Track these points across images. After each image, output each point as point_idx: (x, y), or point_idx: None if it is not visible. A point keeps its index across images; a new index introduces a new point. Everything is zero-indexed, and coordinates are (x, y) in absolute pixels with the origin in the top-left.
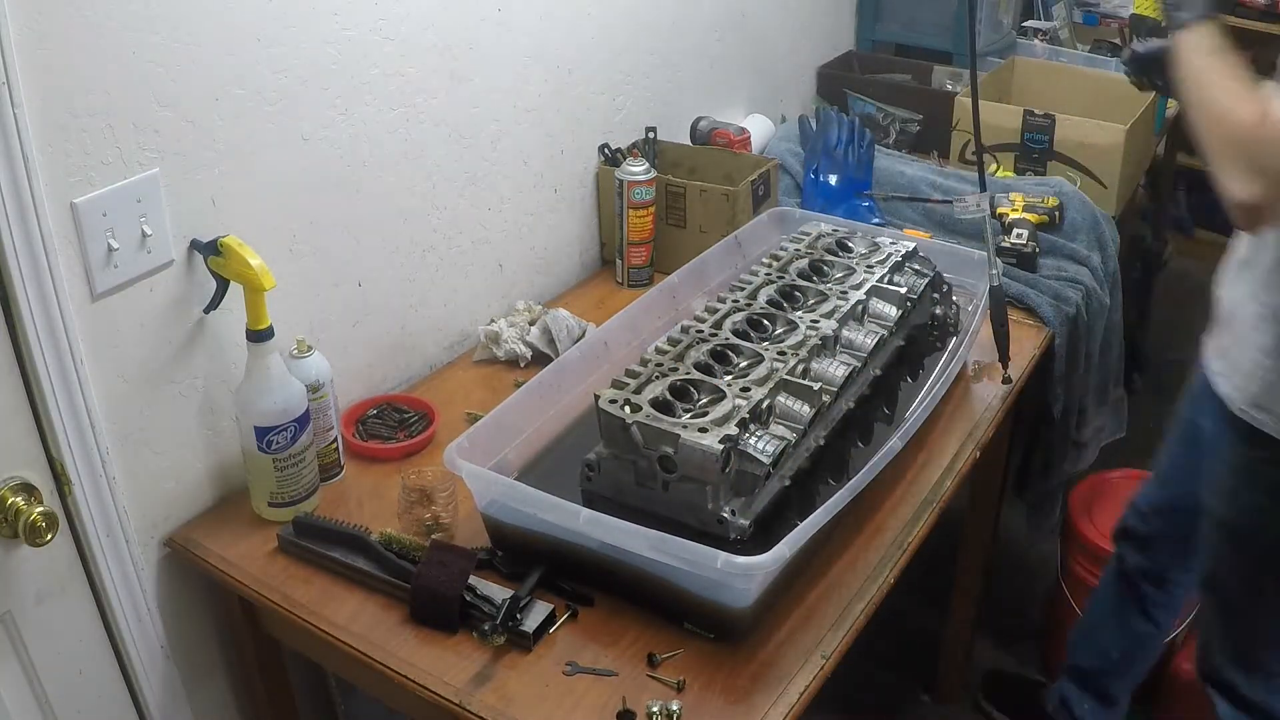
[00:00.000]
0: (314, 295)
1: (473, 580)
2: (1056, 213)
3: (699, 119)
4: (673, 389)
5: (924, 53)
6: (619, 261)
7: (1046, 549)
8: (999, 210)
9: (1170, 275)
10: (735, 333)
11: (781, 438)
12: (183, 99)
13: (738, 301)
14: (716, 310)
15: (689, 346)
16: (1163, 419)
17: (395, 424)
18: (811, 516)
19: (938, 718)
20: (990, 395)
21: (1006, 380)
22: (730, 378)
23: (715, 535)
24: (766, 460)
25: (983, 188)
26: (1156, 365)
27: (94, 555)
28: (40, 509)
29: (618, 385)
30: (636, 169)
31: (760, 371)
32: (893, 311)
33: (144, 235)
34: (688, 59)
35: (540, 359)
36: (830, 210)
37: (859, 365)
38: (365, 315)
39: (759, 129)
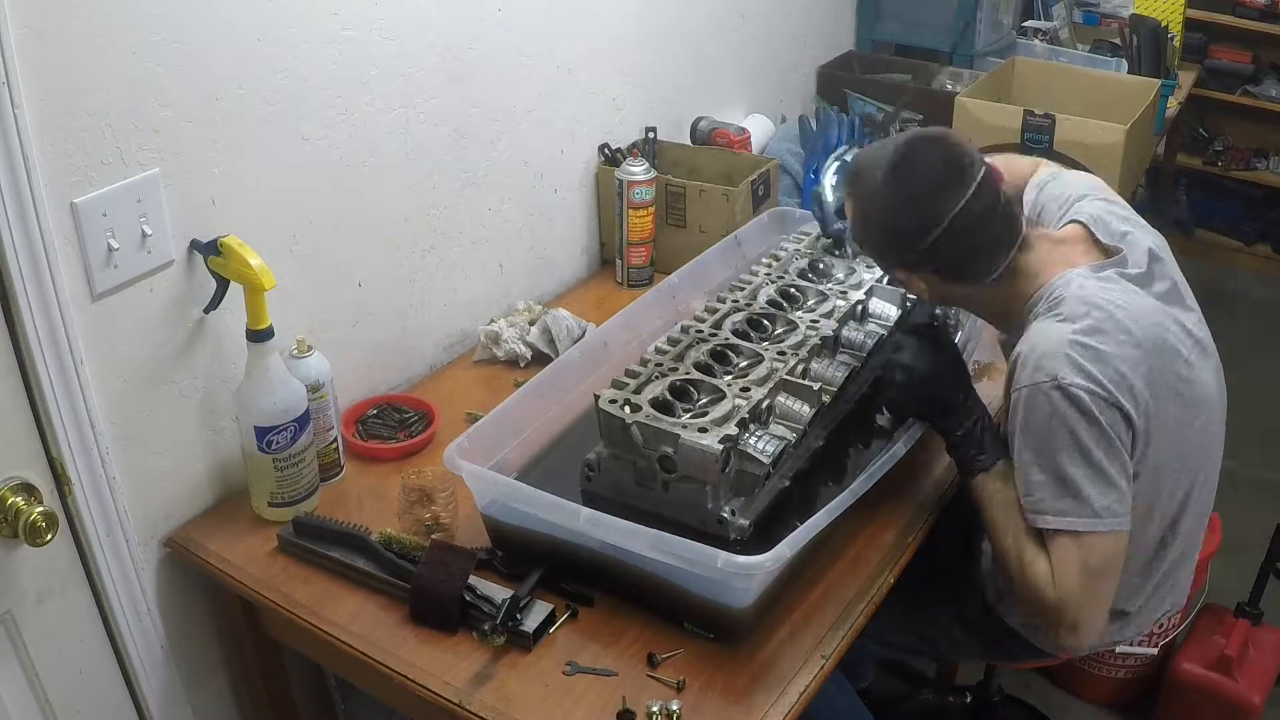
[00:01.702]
0: (314, 295)
1: (473, 580)
2: None
3: (699, 119)
4: (673, 389)
5: (924, 53)
6: (619, 261)
7: None
8: None
9: None
10: (735, 333)
11: (781, 438)
12: (183, 99)
13: (738, 301)
14: (716, 310)
15: (689, 346)
16: None
17: (395, 424)
18: (813, 519)
19: (937, 717)
20: (992, 394)
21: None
22: (730, 378)
23: (715, 535)
24: (766, 460)
25: None
26: None
27: (94, 555)
28: (40, 509)
29: (618, 385)
30: (636, 169)
31: (760, 371)
32: (893, 311)
33: (144, 235)
34: (688, 59)
35: (540, 359)
36: None
37: (859, 365)
38: (365, 315)
39: (759, 129)
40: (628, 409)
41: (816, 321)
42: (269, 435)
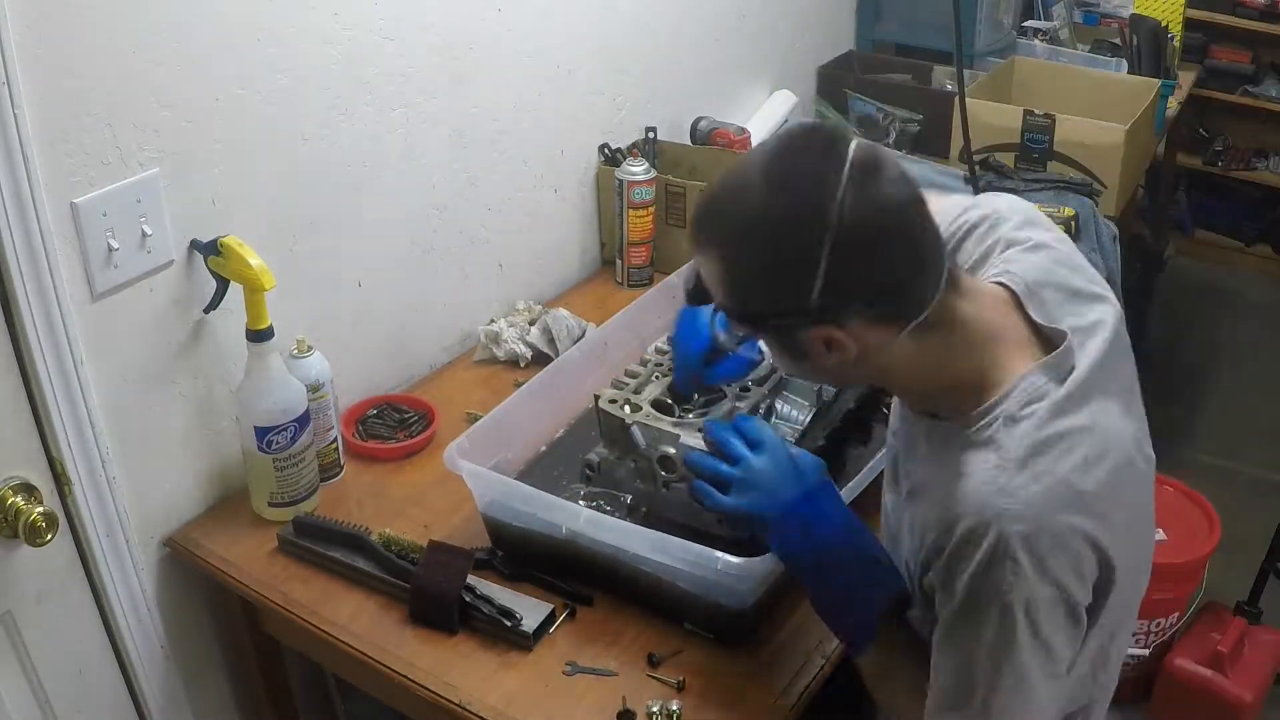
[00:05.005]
0: (314, 295)
1: (472, 580)
2: (1073, 222)
3: (699, 119)
4: (673, 389)
5: (924, 53)
6: (619, 261)
7: None
8: None
9: (1170, 275)
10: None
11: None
12: (183, 99)
13: None
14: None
15: None
16: (1163, 419)
17: (395, 424)
18: None
19: None
20: None
21: None
22: None
23: (715, 535)
24: None
25: (975, 190)
26: (1157, 365)
27: (94, 555)
28: (40, 509)
29: (618, 385)
30: (636, 169)
31: (760, 371)
32: None
33: (144, 235)
34: (688, 59)
35: (540, 359)
36: None
37: None
38: (365, 315)
39: (782, 104)
40: (628, 409)
41: None
42: (269, 435)
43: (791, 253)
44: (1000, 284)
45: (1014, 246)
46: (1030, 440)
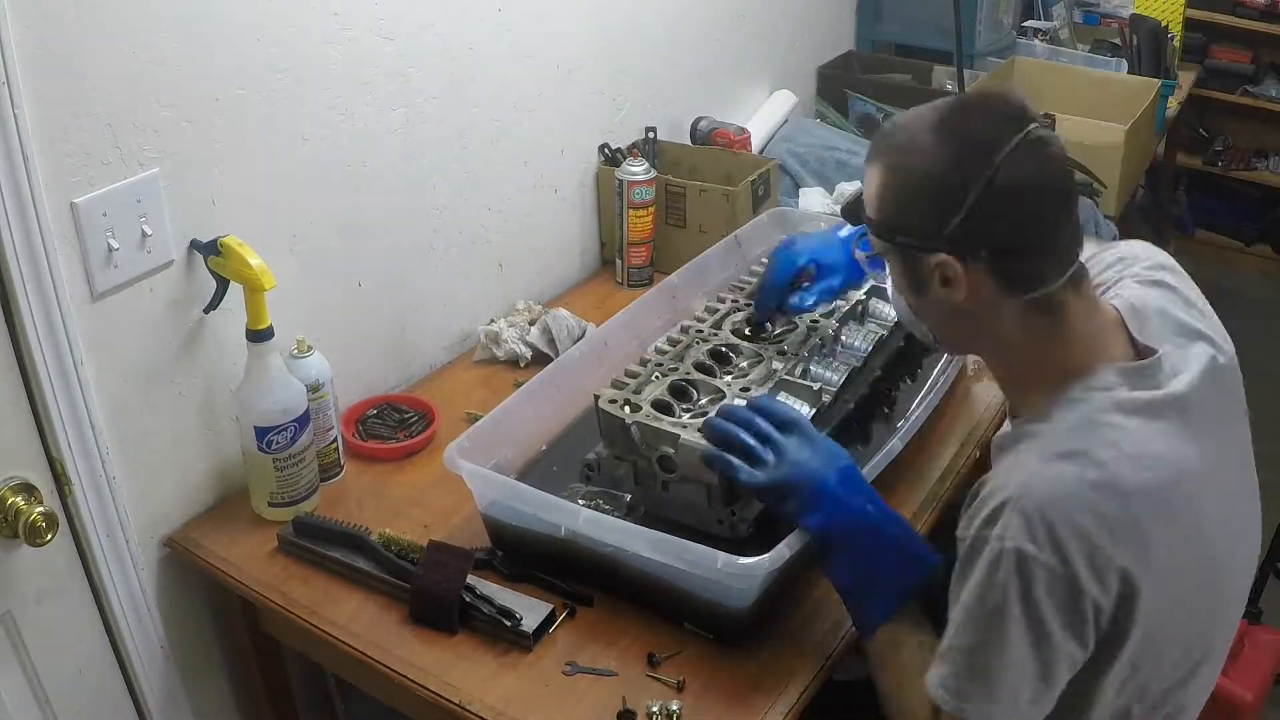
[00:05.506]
0: (314, 295)
1: (472, 580)
2: None
3: (699, 119)
4: (673, 389)
5: (924, 53)
6: (619, 261)
7: None
8: None
9: None
10: (735, 333)
11: None
12: (183, 99)
13: (737, 301)
14: (716, 310)
15: (689, 346)
16: None
17: (395, 424)
18: None
19: None
20: (990, 395)
21: None
22: (730, 378)
23: (715, 535)
24: None
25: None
26: None
27: (94, 555)
28: (40, 509)
29: (618, 385)
30: (636, 169)
31: (760, 371)
32: (892, 311)
33: (144, 235)
34: (688, 59)
35: (540, 359)
36: None
37: (858, 366)
38: (365, 315)
39: (782, 104)
40: (628, 409)
41: (816, 321)
42: (269, 435)
43: (946, 181)
44: (1112, 306)
45: (1137, 280)
46: (1082, 419)
